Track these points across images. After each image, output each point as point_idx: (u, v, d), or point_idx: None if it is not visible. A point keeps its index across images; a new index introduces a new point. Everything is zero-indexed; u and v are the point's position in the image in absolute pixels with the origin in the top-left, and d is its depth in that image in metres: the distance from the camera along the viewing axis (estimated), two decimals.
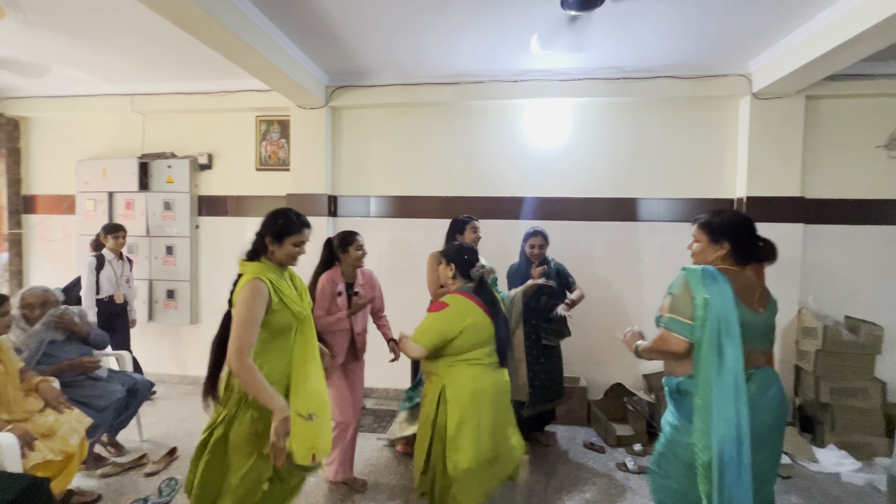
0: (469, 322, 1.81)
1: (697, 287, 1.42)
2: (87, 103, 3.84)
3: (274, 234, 1.59)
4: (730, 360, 1.37)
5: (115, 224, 3.37)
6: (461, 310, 1.83)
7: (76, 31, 2.78)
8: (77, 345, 2.58)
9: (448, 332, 1.80)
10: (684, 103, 3.30)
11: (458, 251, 1.98)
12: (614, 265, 3.44)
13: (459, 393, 1.81)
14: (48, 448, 1.95)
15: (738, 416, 1.36)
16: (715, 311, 1.38)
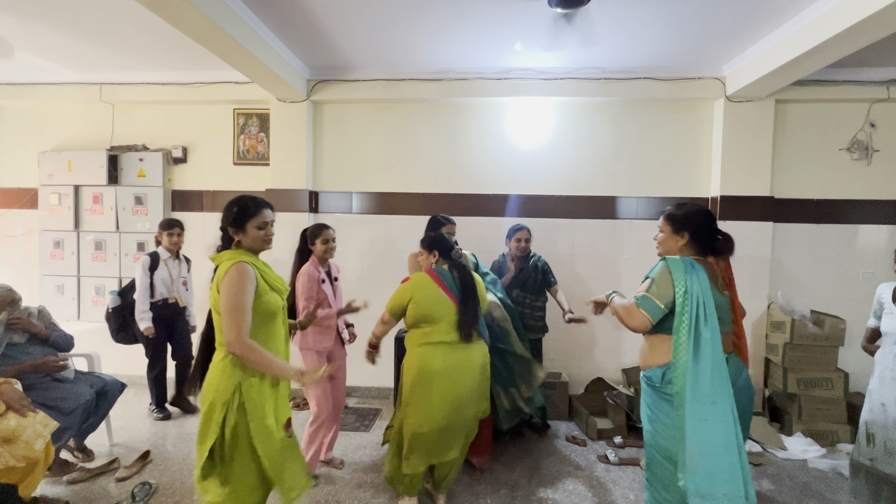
0: (418, 293, 2.02)
1: (679, 274, 1.50)
2: (50, 91, 3.65)
3: (234, 223, 1.56)
4: (707, 345, 1.44)
5: (170, 220, 3.12)
6: (414, 282, 2.07)
7: (40, 14, 2.62)
8: (41, 346, 2.45)
9: (401, 300, 2.05)
10: (662, 104, 3.39)
11: (435, 239, 2.19)
12: (594, 262, 3.51)
13: (410, 366, 2.04)
14: (9, 454, 1.84)
15: (714, 399, 1.42)
16: (694, 298, 1.46)
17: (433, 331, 2.02)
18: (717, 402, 1.42)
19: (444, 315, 2.02)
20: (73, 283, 3.72)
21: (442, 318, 2.02)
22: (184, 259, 3.21)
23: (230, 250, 1.57)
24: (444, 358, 2.00)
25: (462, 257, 2.18)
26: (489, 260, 3.13)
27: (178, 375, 3.29)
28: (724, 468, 1.40)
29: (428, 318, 2.02)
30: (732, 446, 1.42)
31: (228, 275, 1.46)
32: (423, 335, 2.03)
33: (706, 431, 1.42)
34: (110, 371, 2.76)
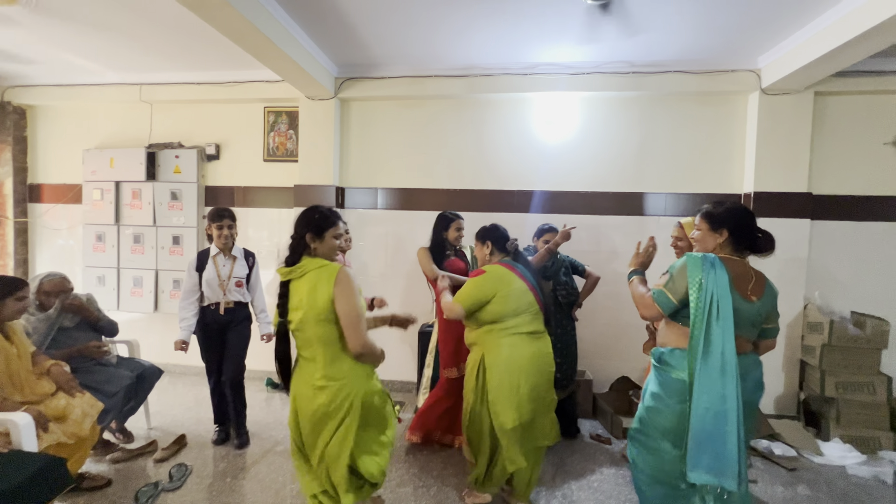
0: (504, 289, 1.96)
1: (695, 271, 1.52)
2: (94, 92, 3.84)
3: (314, 231, 1.62)
4: (717, 342, 1.47)
5: (219, 210, 2.62)
6: (497, 277, 1.98)
7: (85, 19, 2.77)
8: (87, 332, 2.59)
9: (483, 296, 1.96)
10: (693, 98, 3.31)
11: (490, 230, 2.15)
12: (620, 259, 3.45)
13: (496, 360, 1.95)
14: (61, 431, 1.96)
15: (723, 393, 1.45)
16: (708, 294, 1.48)
17: (518, 323, 1.97)
18: (727, 396, 1.45)
19: (527, 306, 2.00)
20: (114, 274, 3.90)
21: (526, 309, 1.99)
22: (242, 255, 2.70)
23: (313, 258, 1.60)
24: (530, 348, 1.98)
25: (518, 248, 2.16)
26: None
27: (227, 399, 2.69)
28: (724, 455, 1.45)
29: (513, 312, 1.97)
30: (733, 436, 1.45)
31: (343, 282, 1.53)
32: (503, 328, 1.97)
33: (710, 420, 1.46)
34: (148, 358, 2.89)
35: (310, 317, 1.54)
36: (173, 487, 2.24)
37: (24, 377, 2.01)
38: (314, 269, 1.57)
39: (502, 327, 1.97)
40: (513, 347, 1.95)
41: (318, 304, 1.53)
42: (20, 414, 1.79)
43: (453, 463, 2.57)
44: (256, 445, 2.72)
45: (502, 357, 1.95)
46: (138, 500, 2.11)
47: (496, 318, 1.97)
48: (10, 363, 1.96)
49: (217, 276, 2.60)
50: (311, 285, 1.54)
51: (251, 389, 3.61)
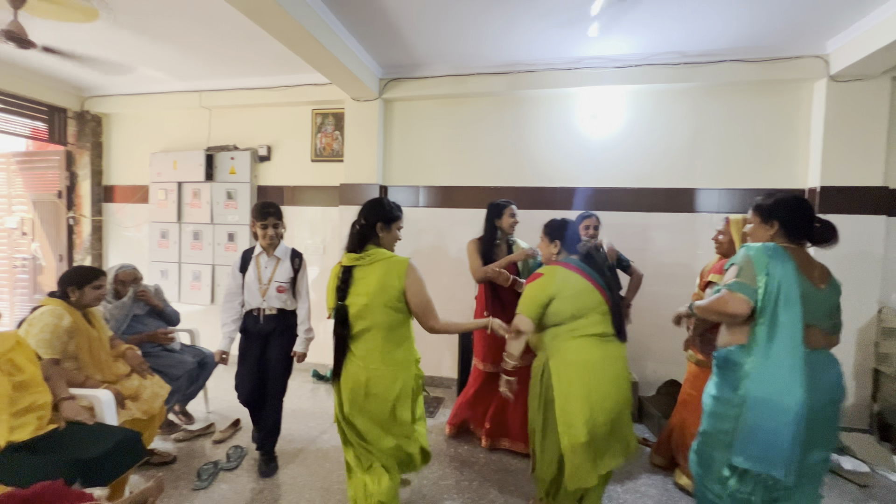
0: (566, 289, 1.79)
1: (760, 258, 1.45)
2: (161, 100, 4.15)
3: (384, 220, 1.71)
4: (784, 329, 1.38)
5: (262, 205, 2.30)
6: (556, 277, 1.83)
7: (155, 32, 3.01)
8: (154, 320, 2.81)
9: (543, 298, 1.80)
10: (751, 88, 3.13)
11: (561, 227, 1.97)
12: (669, 258, 3.32)
13: (562, 364, 1.78)
14: (135, 408, 2.14)
15: (787, 385, 1.35)
16: (775, 280, 1.40)
17: (584, 324, 1.80)
18: (791, 388, 1.35)
19: (594, 306, 1.81)
20: (176, 268, 4.19)
21: (592, 309, 1.80)
22: (288, 257, 2.35)
23: (380, 249, 1.71)
24: (599, 351, 1.79)
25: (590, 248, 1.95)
26: None
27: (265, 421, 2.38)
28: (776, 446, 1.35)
29: (577, 312, 1.79)
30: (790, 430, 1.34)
31: (413, 274, 1.66)
32: (570, 330, 1.80)
33: (767, 412, 1.37)
34: (206, 346, 3.09)
35: (377, 304, 1.63)
36: (231, 467, 2.38)
37: (103, 359, 2.20)
38: (384, 260, 1.67)
39: (568, 329, 1.79)
40: (580, 351, 1.77)
41: (388, 293, 1.63)
42: (103, 391, 1.98)
43: (494, 459, 2.57)
44: (304, 433, 2.83)
45: (569, 361, 1.77)
46: (200, 477, 2.26)
47: (560, 320, 1.80)
48: (93, 346, 2.16)
49: (257, 278, 2.29)
50: (382, 274, 1.63)
51: (297, 381, 3.78)
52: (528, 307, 1.82)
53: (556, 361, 1.81)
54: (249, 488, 2.24)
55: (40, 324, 1.99)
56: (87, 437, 1.71)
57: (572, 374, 1.76)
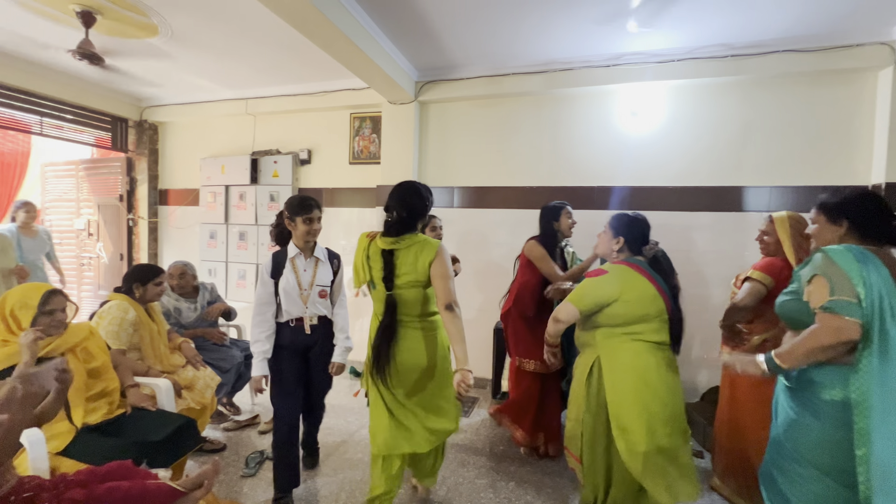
0: (630, 292, 1.69)
1: (849, 264, 1.24)
2: (210, 108, 4.40)
3: (424, 214, 1.80)
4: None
5: (303, 199, 2.00)
6: (621, 277, 1.71)
7: (208, 44, 3.19)
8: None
9: (603, 298, 1.70)
10: (805, 79, 2.96)
11: (629, 224, 1.83)
12: (714, 259, 3.18)
13: (617, 366, 1.67)
14: (190, 398, 2.28)
15: None
16: (876, 290, 1.20)
17: (644, 329, 1.70)
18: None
19: (657, 313, 1.71)
20: (223, 267, 4.43)
21: (655, 315, 1.71)
22: (326, 257, 2.10)
23: (418, 234, 1.79)
24: (656, 358, 1.69)
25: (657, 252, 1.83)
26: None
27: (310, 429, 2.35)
28: None
29: (640, 318, 1.70)
30: None
31: (442, 252, 1.73)
32: (627, 332, 1.71)
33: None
34: None
35: (412, 282, 1.73)
36: None
37: (162, 351, 2.37)
38: (419, 242, 1.74)
39: (626, 331, 1.69)
40: (637, 355, 1.66)
41: (421, 268, 1.72)
42: (163, 380, 2.13)
43: (531, 461, 2.56)
44: (343, 427, 2.92)
45: (624, 363, 1.66)
46: (248, 465, 2.38)
47: (619, 322, 1.70)
48: (153, 338, 2.32)
49: (297, 283, 1.99)
50: (417, 253, 1.73)
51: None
52: (583, 301, 1.73)
53: (609, 362, 1.70)
54: None
55: (109, 316, 2.16)
56: (150, 422, 1.85)
57: (627, 378, 1.66)
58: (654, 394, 1.64)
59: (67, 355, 1.75)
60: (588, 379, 1.77)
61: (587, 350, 1.82)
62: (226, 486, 2.23)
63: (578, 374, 1.83)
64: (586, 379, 1.77)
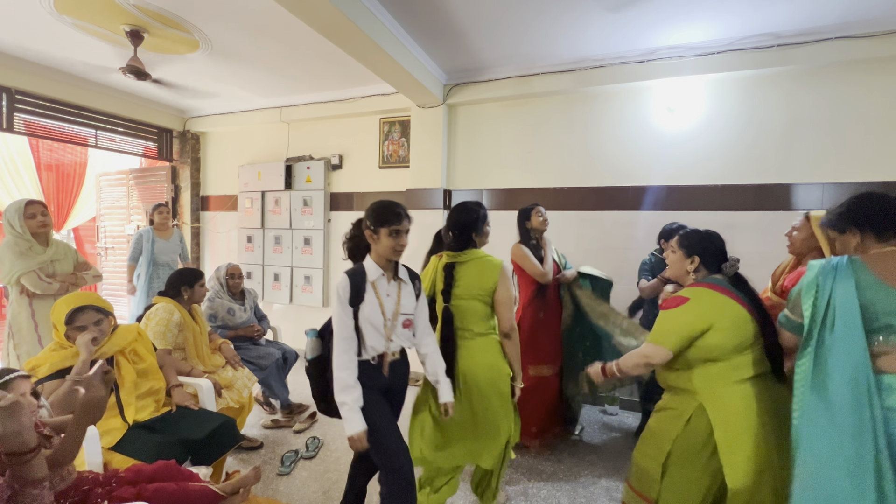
0: (722, 319, 1.46)
1: (810, 276, 1.32)
2: (247, 117, 4.57)
3: (475, 226, 1.88)
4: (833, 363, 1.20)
5: (388, 204, 1.62)
6: (708, 303, 1.49)
7: (244, 56, 3.32)
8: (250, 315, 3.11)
9: (692, 330, 1.46)
10: (860, 67, 2.75)
11: (704, 239, 1.62)
12: (759, 261, 3.00)
13: (729, 416, 1.43)
14: (229, 397, 2.37)
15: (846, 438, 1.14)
16: (827, 297, 1.25)
17: (744, 362, 1.46)
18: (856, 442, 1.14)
19: (753, 339, 1.47)
20: (259, 270, 4.59)
21: (753, 342, 1.47)
22: (409, 278, 1.71)
23: (478, 250, 1.89)
24: (770, 395, 1.46)
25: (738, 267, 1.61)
26: (626, 257, 2.94)
27: None
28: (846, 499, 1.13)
29: (738, 346, 1.46)
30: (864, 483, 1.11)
31: (505, 274, 1.84)
32: (731, 369, 1.46)
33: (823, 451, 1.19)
34: (287, 342, 3.34)
35: (473, 295, 1.82)
36: (309, 456, 2.56)
37: (204, 351, 2.48)
38: (480, 258, 1.85)
39: (727, 368, 1.46)
40: (748, 400, 1.43)
41: (486, 286, 1.81)
42: (204, 380, 2.23)
43: (563, 469, 2.50)
44: None
45: (738, 414, 1.42)
46: (283, 464, 2.45)
47: (715, 356, 1.46)
48: (196, 339, 2.44)
49: (380, 311, 1.60)
50: (480, 270, 1.83)
51: None
52: (671, 339, 1.49)
53: (719, 412, 1.44)
54: (326, 477, 2.38)
55: (156, 318, 2.29)
56: (193, 420, 1.94)
57: (741, 427, 1.41)
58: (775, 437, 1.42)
59: (118, 357, 1.86)
60: (686, 426, 1.51)
61: (683, 395, 1.55)
62: (262, 484, 2.31)
63: (668, 417, 1.57)
64: (684, 426, 1.51)
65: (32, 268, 2.44)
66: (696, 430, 1.48)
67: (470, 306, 1.83)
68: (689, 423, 1.49)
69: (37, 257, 2.48)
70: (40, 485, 1.07)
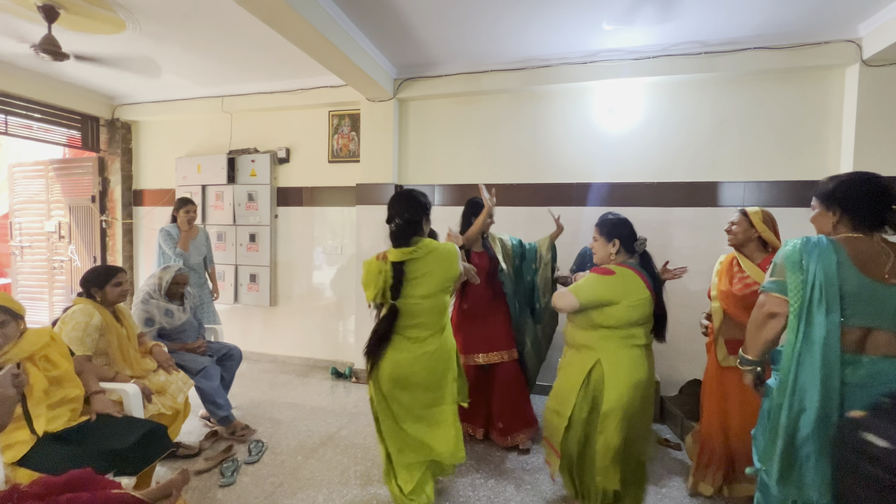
0: (634, 297, 1.76)
1: (793, 254, 1.34)
2: (185, 106, 4.29)
3: (427, 214, 1.89)
4: (819, 332, 1.26)
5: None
6: (628, 283, 1.78)
7: (179, 40, 3.11)
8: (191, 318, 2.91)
9: (607, 297, 1.76)
10: (776, 76, 3.01)
11: (619, 225, 1.91)
12: (691, 254, 3.22)
13: (620, 370, 1.77)
14: (161, 403, 2.22)
15: (825, 397, 1.25)
16: (810, 276, 1.28)
17: (638, 333, 1.81)
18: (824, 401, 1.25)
19: (647, 318, 1.83)
20: None
21: (646, 320, 1.83)
22: None
23: (426, 239, 1.86)
24: (648, 362, 1.83)
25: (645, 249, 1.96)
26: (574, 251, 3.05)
27: None
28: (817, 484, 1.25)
29: (636, 321, 1.79)
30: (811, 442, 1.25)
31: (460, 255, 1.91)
32: (625, 336, 1.79)
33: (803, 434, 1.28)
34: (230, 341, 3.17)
35: (437, 289, 1.83)
36: (252, 461, 2.45)
37: (132, 355, 2.29)
38: (437, 248, 1.84)
39: (624, 335, 1.79)
40: (635, 361, 1.78)
41: (452, 275, 1.86)
42: (131, 385, 2.06)
43: (510, 457, 2.56)
44: (323, 429, 2.88)
45: (624, 368, 1.77)
46: (224, 474, 2.32)
47: (618, 325, 1.78)
48: (122, 342, 2.25)
49: None
50: (442, 261, 1.83)
51: (316, 378, 3.85)
52: (586, 295, 1.78)
53: (611, 366, 1.78)
54: (270, 481, 2.29)
55: (72, 322, 2.09)
56: (116, 429, 1.79)
57: (626, 382, 1.76)
58: (642, 395, 1.79)
59: (25, 364, 1.69)
60: (586, 378, 1.82)
61: (585, 351, 1.85)
62: (199, 494, 2.18)
63: (573, 372, 1.87)
64: (584, 378, 1.82)
65: None
66: (594, 383, 1.80)
67: (436, 303, 1.84)
68: (589, 377, 1.80)
69: None
70: None
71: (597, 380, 1.80)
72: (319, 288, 4.11)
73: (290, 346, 4.23)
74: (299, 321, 4.19)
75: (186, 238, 3.38)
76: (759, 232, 2.07)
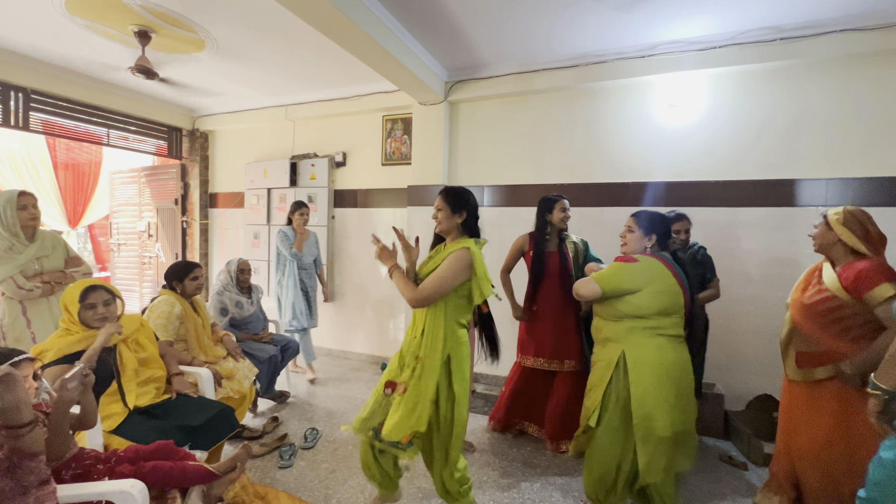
0: (658, 285, 1.77)
1: None
2: (253, 115, 4.65)
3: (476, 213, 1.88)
4: None
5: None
6: (651, 270, 1.79)
7: (250, 56, 3.39)
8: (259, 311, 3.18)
9: (629, 285, 1.77)
10: (866, 60, 2.69)
11: (657, 223, 1.91)
12: (763, 258, 2.97)
13: (645, 361, 1.76)
14: (229, 387, 2.43)
15: None
16: None
17: (665, 324, 1.79)
18: None
19: (677, 308, 1.81)
20: (265, 266, 4.67)
21: (676, 311, 1.81)
22: None
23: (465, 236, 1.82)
24: (677, 353, 1.79)
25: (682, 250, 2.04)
26: None
27: None
28: None
29: (664, 311, 1.78)
30: None
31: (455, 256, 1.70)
32: (650, 326, 1.78)
33: None
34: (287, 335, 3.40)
35: None
36: (308, 447, 2.61)
37: (206, 342, 2.54)
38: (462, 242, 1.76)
39: (648, 325, 1.77)
40: (661, 350, 1.76)
41: None
42: (204, 369, 2.28)
43: (557, 463, 2.51)
44: None
45: (650, 358, 1.75)
46: (282, 457, 2.49)
47: (642, 314, 1.76)
48: (198, 330, 2.50)
49: None
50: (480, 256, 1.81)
51: (367, 372, 4.01)
52: (608, 283, 1.80)
53: (635, 357, 1.78)
54: (324, 467, 2.43)
55: (158, 310, 2.35)
56: (192, 407, 1.99)
57: (653, 372, 1.75)
58: (675, 387, 1.76)
59: (121, 345, 1.93)
60: (614, 373, 1.82)
61: (611, 345, 1.87)
62: (260, 473, 2.36)
63: (601, 367, 1.88)
64: (611, 374, 1.82)
65: (11, 273, 2.25)
66: (621, 376, 1.79)
67: None
68: (616, 370, 1.79)
69: (16, 258, 2.27)
70: (37, 458, 1.12)
71: (623, 373, 1.80)
72: (372, 286, 4.27)
73: (343, 341, 4.43)
74: (353, 317, 4.38)
75: (301, 239, 3.55)
76: (838, 235, 1.84)
